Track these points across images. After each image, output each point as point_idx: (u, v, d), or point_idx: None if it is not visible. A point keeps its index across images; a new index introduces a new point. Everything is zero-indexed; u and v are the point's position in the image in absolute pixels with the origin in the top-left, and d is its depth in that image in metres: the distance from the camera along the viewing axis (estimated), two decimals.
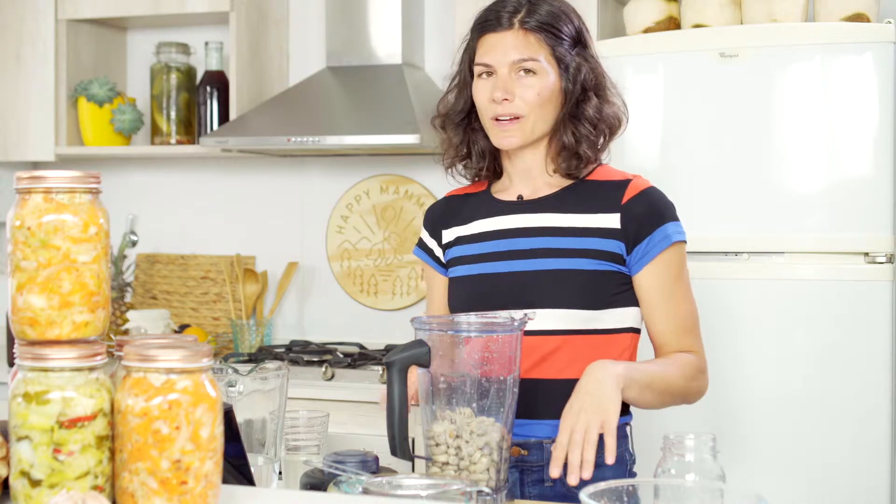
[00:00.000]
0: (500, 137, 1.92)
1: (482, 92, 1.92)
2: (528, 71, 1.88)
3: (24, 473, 1.23)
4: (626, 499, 1.35)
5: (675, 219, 1.93)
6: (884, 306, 2.68)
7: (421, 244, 2.09)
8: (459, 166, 2.04)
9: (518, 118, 1.89)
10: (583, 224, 1.91)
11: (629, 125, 2.01)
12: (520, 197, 1.98)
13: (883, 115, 2.69)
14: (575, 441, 1.65)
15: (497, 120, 1.91)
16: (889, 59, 2.69)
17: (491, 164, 2.02)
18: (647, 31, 3.06)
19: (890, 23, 2.72)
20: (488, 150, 2.00)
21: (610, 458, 1.65)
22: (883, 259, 2.69)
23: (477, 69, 1.92)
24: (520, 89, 1.88)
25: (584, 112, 1.92)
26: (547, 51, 1.89)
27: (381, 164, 3.77)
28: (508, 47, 1.88)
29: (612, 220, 1.90)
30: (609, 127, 1.96)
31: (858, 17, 2.84)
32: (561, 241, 1.91)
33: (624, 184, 1.93)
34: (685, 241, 1.94)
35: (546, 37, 1.89)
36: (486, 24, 1.93)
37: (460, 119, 1.99)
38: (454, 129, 2.00)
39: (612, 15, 3.29)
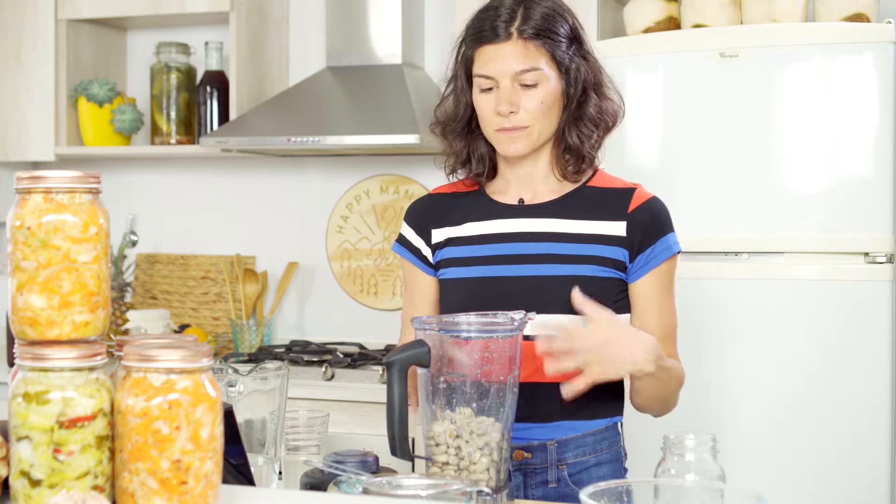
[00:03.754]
0: (507, 145, 1.90)
1: (485, 105, 1.89)
2: (527, 82, 1.86)
3: (24, 473, 1.23)
4: (625, 499, 1.35)
5: (674, 230, 1.95)
6: (884, 306, 2.68)
7: (403, 241, 2.04)
8: (460, 171, 2.01)
9: (524, 128, 1.88)
10: (588, 231, 1.91)
11: (629, 125, 2.02)
12: (521, 201, 1.97)
13: (883, 115, 2.69)
14: (575, 354, 1.69)
15: (501, 130, 1.89)
16: (889, 59, 2.69)
17: (491, 168, 2.00)
18: (647, 31, 3.06)
19: (890, 23, 2.72)
20: (489, 154, 1.98)
21: (566, 391, 1.72)
22: (883, 259, 2.69)
23: (477, 81, 1.90)
24: (523, 100, 1.86)
25: (586, 112, 1.92)
26: (547, 56, 1.87)
27: (381, 164, 3.77)
28: (509, 58, 1.85)
29: (617, 228, 1.91)
30: (607, 124, 1.96)
31: (858, 17, 2.84)
32: (566, 247, 1.90)
33: (629, 192, 1.94)
34: (680, 252, 1.96)
35: (544, 42, 1.86)
36: (481, 34, 1.88)
37: (461, 126, 1.97)
38: (455, 136, 1.98)
39: (612, 15, 3.29)
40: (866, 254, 2.70)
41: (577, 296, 1.76)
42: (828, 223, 2.73)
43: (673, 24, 3.07)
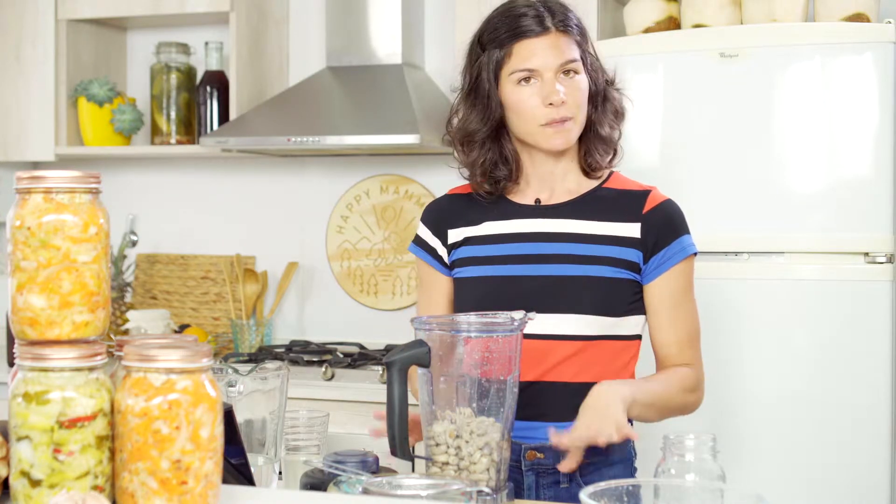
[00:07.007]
0: (554, 139, 1.90)
1: (529, 98, 1.88)
2: (568, 72, 1.89)
3: (24, 473, 1.23)
4: (626, 499, 1.35)
5: (689, 232, 1.96)
6: (884, 306, 2.68)
7: (420, 242, 2.05)
8: (480, 178, 1.99)
9: (571, 119, 1.89)
10: (603, 232, 1.92)
11: (629, 125, 2.03)
12: (537, 201, 1.97)
13: (883, 115, 2.69)
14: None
15: (550, 123, 1.89)
16: (889, 59, 2.69)
17: (518, 170, 1.98)
18: (647, 31, 3.06)
19: (890, 23, 2.72)
20: (515, 156, 1.97)
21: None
22: (883, 259, 2.69)
23: (516, 76, 1.88)
24: (567, 90, 1.88)
25: (611, 104, 1.96)
26: (578, 51, 1.91)
27: (381, 164, 3.77)
28: (552, 50, 1.87)
29: (632, 230, 1.92)
30: (623, 118, 1.99)
31: (858, 17, 2.84)
32: (581, 247, 1.91)
33: (644, 194, 1.95)
34: (696, 254, 1.96)
35: (573, 36, 1.90)
36: (519, 30, 1.88)
37: (488, 133, 1.94)
38: (480, 147, 1.96)
39: (612, 15, 3.29)
40: (866, 254, 2.70)
41: (553, 437, 1.76)
42: (828, 223, 2.72)
43: (673, 24, 3.07)
